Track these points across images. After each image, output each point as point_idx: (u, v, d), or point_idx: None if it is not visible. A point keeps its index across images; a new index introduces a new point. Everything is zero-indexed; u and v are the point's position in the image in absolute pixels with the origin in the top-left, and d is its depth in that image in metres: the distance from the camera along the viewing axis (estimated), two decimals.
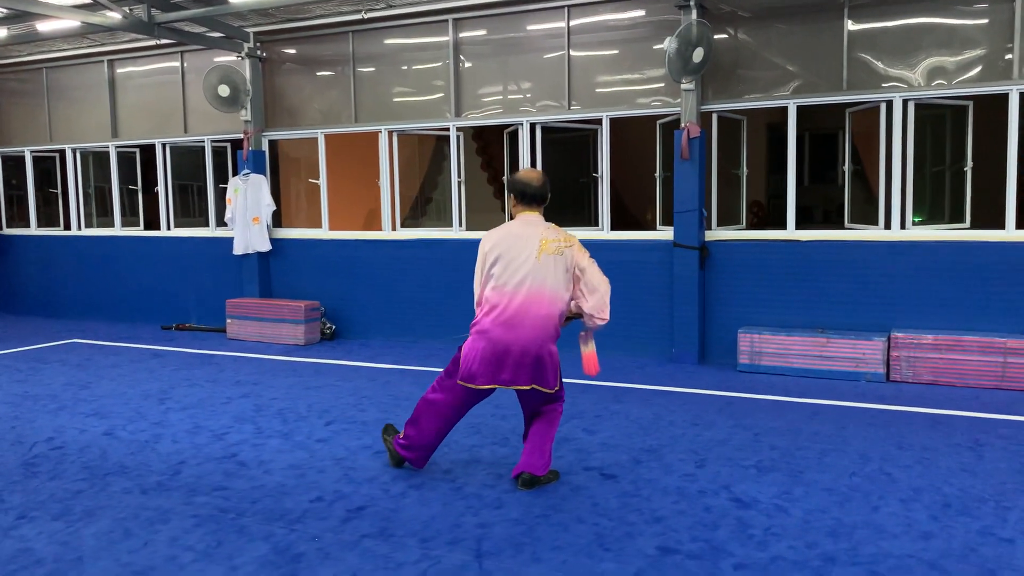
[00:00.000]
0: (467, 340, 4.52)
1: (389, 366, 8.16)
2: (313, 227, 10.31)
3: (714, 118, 8.07)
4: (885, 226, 7.51)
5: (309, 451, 5.35)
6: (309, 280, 10.16)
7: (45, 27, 9.49)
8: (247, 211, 10.06)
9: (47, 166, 12.27)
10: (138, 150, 11.45)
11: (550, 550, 3.78)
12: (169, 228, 11.12)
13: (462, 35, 9.09)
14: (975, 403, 6.40)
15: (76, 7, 8.78)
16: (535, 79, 8.79)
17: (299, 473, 4.91)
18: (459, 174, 9.29)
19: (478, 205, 10.74)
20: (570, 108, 8.62)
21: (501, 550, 3.78)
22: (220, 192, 10.77)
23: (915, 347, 7.06)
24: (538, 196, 4.53)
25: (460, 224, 9.33)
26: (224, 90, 9.64)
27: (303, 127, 10.10)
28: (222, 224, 10.65)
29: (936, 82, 7.23)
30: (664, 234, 8.26)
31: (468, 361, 4.44)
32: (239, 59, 10.03)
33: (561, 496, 4.47)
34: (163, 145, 10.99)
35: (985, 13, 7.04)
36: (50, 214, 12.38)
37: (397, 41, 9.46)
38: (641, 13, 8.27)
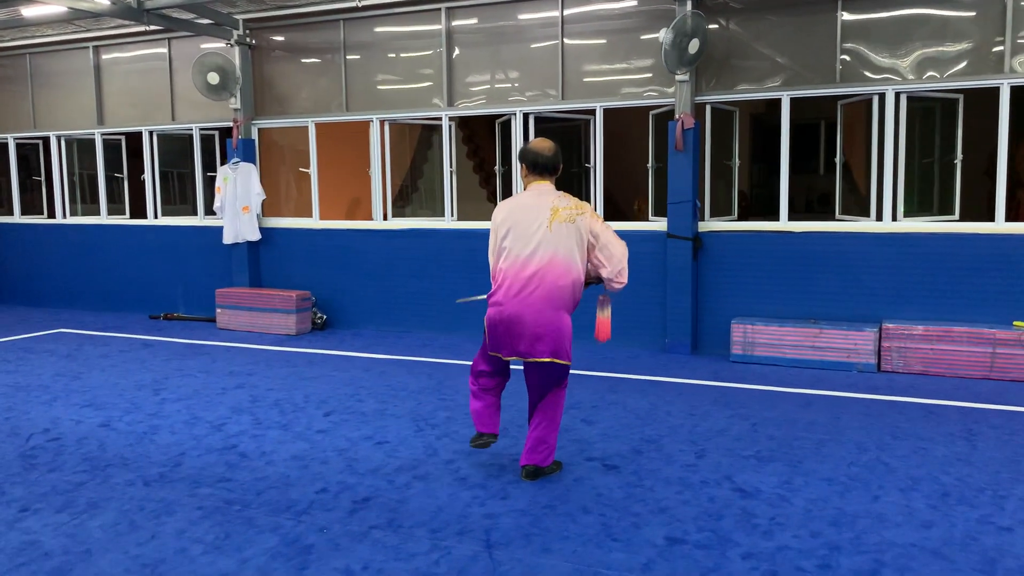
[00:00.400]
0: (487, 312, 4.51)
1: (383, 356, 8.15)
2: (300, 216, 10.26)
3: (708, 109, 8.10)
4: (876, 218, 7.58)
5: (310, 442, 5.35)
6: (299, 270, 10.12)
7: (30, 12, 9.35)
8: (237, 200, 9.99)
9: (25, 152, 12.10)
10: (123, 137, 11.33)
11: (559, 540, 3.81)
12: (156, 216, 11.02)
13: (455, 23, 9.05)
14: (965, 393, 6.49)
15: None
16: (528, 69, 8.78)
17: (302, 464, 4.91)
18: (451, 163, 9.27)
19: (464, 194, 10.73)
20: (563, 98, 8.61)
21: (510, 541, 3.81)
22: (207, 180, 10.69)
23: (906, 338, 7.15)
24: (549, 166, 4.51)
25: (452, 214, 9.32)
26: (214, 78, 9.55)
27: (293, 115, 10.03)
28: (211, 213, 10.57)
29: (928, 75, 7.29)
30: (657, 225, 8.29)
31: (490, 333, 4.48)
32: (228, 46, 9.94)
33: (565, 487, 4.50)
34: (150, 133, 10.88)
35: (977, 6, 7.10)
36: (33, 202, 12.24)
37: (389, 29, 9.41)
38: (635, 3, 8.27)
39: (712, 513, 4.12)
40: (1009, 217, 7.24)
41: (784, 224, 7.90)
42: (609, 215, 9.02)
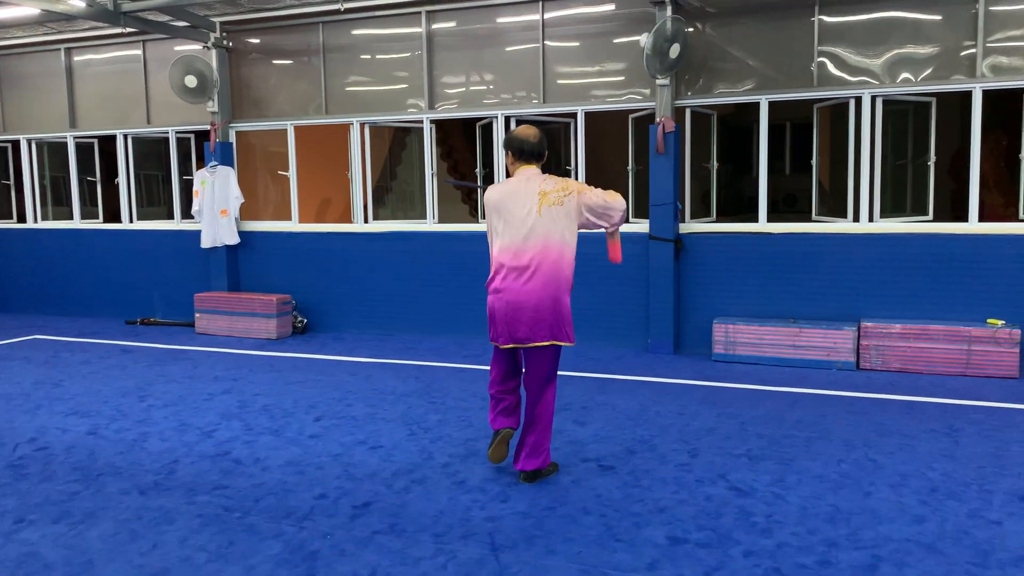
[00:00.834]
0: (487, 299, 4.59)
1: (368, 359, 8.14)
2: (279, 219, 10.21)
3: (687, 113, 8.20)
4: (854, 219, 7.72)
5: (303, 447, 5.34)
6: (279, 273, 10.06)
7: (2, 14, 9.19)
8: (215, 204, 9.91)
9: None
10: (96, 140, 11.18)
11: (562, 542, 3.86)
12: (132, 221, 10.89)
13: (435, 27, 9.07)
14: (943, 390, 6.65)
15: None
16: (509, 72, 8.82)
17: (298, 470, 4.91)
18: (432, 166, 9.28)
19: (439, 197, 10.76)
20: (544, 102, 8.67)
21: (515, 543, 3.85)
22: (184, 184, 10.59)
23: (884, 336, 7.30)
24: (535, 152, 4.58)
25: (434, 216, 9.32)
26: (191, 81, 9.46)
27: (271, 118, 9.98)
28: (188, 216, 10.48)
29: (902, 78, 7.45)
30: (638, 227, 8.37)
31: (489, 321, 4.57)
32: (205, 49, 9.85)
33: (564, 488, 4.55)
34: (124, 136, 10.75)
35: (949, 11, 7.27)
36: (1, 206, 12.02)
37: (368, 32, 9.39)
38: (612, 7, 8.35)
39: (710, 512, 4.19)
40: (982, 218, 7.41)
41: (763, 226, 8.02)
42: None
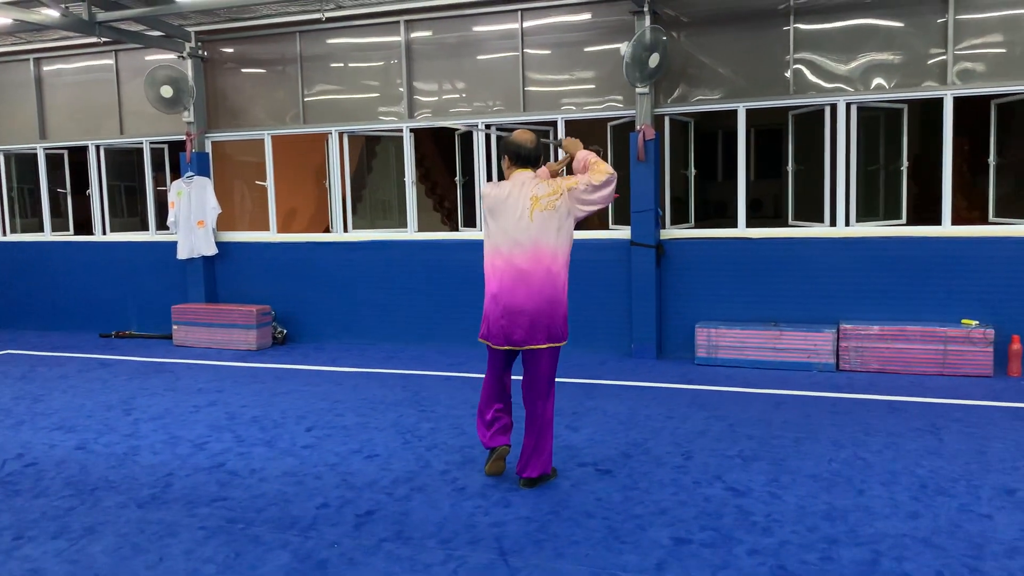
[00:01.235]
0: (484, 302, 4.64)
1: (352, 369, 8.12)
2: (254, 230, 10.15)
3: (666, 121, 8.32)
4: (831, 223, 7.89)
5: (299, 458, 5.33)
6: (257, 284, 9.99)
7: None
8: (191, 215, 9.83)
9: None
10: (66, 152, 11.03)
11: (569, 545, 3.90)
12: (104, 232, 10.75)
13: (413, 35, 9.10)
14: (922, 389, 6.81)
15: (8, 3, 8.42)
16: (489, 81, 8.88)
17: (296, 480, 4.89)
18: (412, 174, 9.30)
19: (422, 204, 10.80)
20: (525, 110, 8.74)
21: (522, 547, 3.89)
22: (158, 195, 10.49)
23: (863, 338, 7.46)
24: (532, 157, 4.63)
25: (414, 226, 9.34)
26: (167, 91, 9.39)
27: (248, 128, 9.93)
28: (162, 228, 10.38)
29: (875, 85, 7.63)
30: (619, 233, 8.47)
31: (484, 321, 4.62)
32: (180, 58, 9.78)
33: (564, 493, 4.60)
34: (97, 147, 10.62)
35: (920, 21, 7.47)
36: None
37: (346, 41, 9.40)
38: (592, 17, 8.45)
39: (710, 512, 4.26)
40: (955, 221, 7.61)
41: (742, 231, 8.16)
42: None
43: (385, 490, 4.70)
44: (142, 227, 11.16)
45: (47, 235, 11.07)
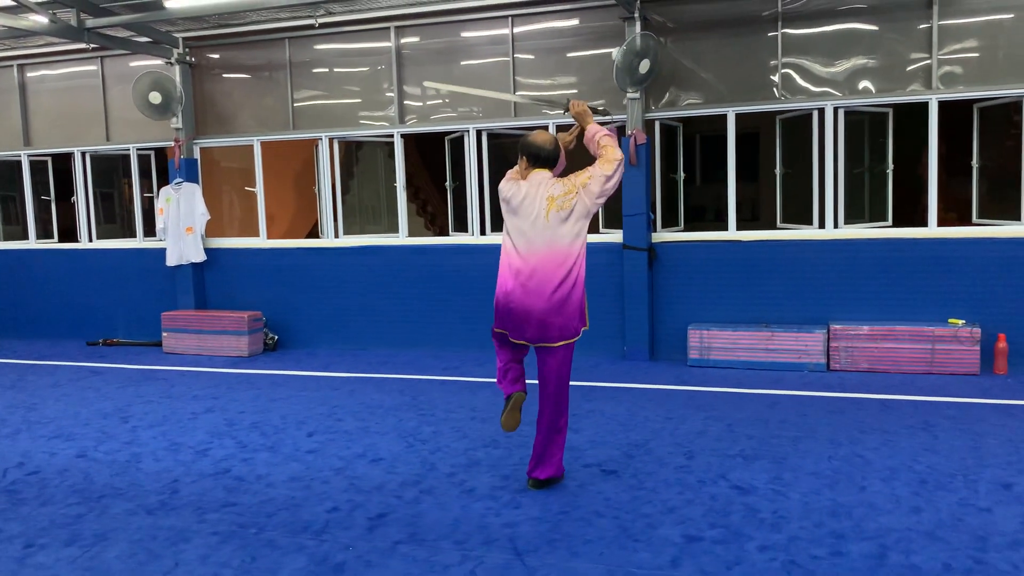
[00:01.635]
0: (496, 290, 4.64)
1: (347, 374, 8.13)
2: (242, 236, 10.13)
3: (656, 125, 8.42)
4: (819, 225, 8.02)
5: (303, 463, 5.34)
6: (246, 290, 9.97)
7: None
8: (180, 221, 9.79)
9: None
10: (50, 159, 10.95)
11: (583, 544, 3.96)
12: (91, 240, 10.67)
13: (404, 41, 9.14)
14: (912, 387, 6.94)
15: None
16: (479, 85, 8.90)
17: (303, 485, 4.91)
18: (403, 180, 9.33)
19: (393, 210, 10.84)
20: (516, 115, 8.80)
21: (537, 547, 3.94)
22: (145, 201, 10.43)
23: (852, 338, 7.59)
24: (551, 159, 4.66)
25: (405, 231, 9.37)
26: (156, 97, 9.36)
27: (237, 134, 9.91)
28: (149, 235, 10.33)
29: (862, 88, 7.78)
30: (610, 236, 8.55)
31: (497, 315, 4.62)
32: (168, 64, 9.74)
33: (572, 493, 4.65)
34: (82, 154, 10.55)
35: (905, 26, 7.62)
36: None
37: (336, 47, 9.42)
38: (583, 22, 8.53)
39: (717, 510, 4.34)
40: (915, 221, 7.77)
41: (733, 234, 8.27)
42: None
43: (394, 493, 4.73)
44: (121, 234, 11.08)
45: (32, 243, 10.97)
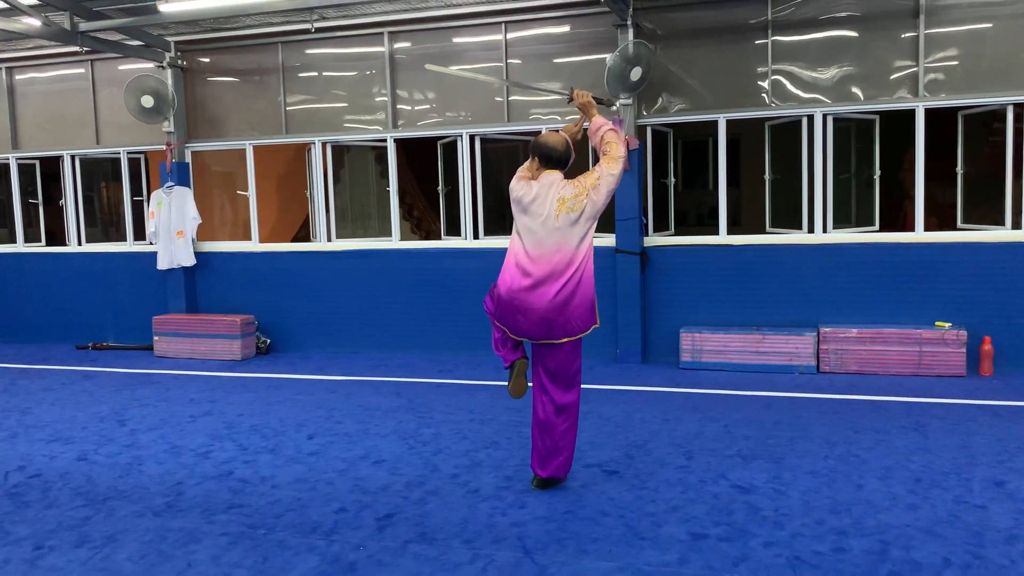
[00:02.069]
0: (498, 285, 4.65)
1: (342, 377, 8.16)
2: (233, 239, 10.13)
3: (648, 131, 8.53)
4: (808, 230, 8.15)
5: (306, 465, 5.37)
6: (238, 294, 9.96)
7: None
8: (171, 225, 9.78)
9: None
10: (38, 162, 10.90)
11: (591, 542, 4.03)
12: (80, 243, 10.63)
13: (397, 46, 9.19)
14: (900, 389, 7.08)
15: None
16: (473, 91, 8.99)
17: (309, 487, 4.95)
18: (395, 185, 9.38)
19: (384, 213, 10.85)
20: (509, 120, 8.88)
21: (545, 546, 4.00)
22: (135, 205, 10.41)
23: (842, 340, 7.72)
24: (562, 160, 4.71)
25: (398, 235, 9.42)
26: (148, 101, 9.35)
27: (229, 138, 9.91)
28: (139, 238, 10.31)
29: (850, 95, 7.92)
30: (604, 240, 8.61)
31: (499, 309, 4.63)
32: (159, 68, 9.74)
33: (576, 493, 4.72)
34: (71, 157, 10.50)
35: (892, 35, 7.77)
36: None
37: (329, 51, 9.45)
38: (576, 28, 8.63)
39: (720, 509, 4.42)
40: (895, 225, 7.92)
41: (724, 238, 8.38)
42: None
43: (400, 494, 4.78)
44: (102, 237, 11.01)
45: (19, 246, 10.90)
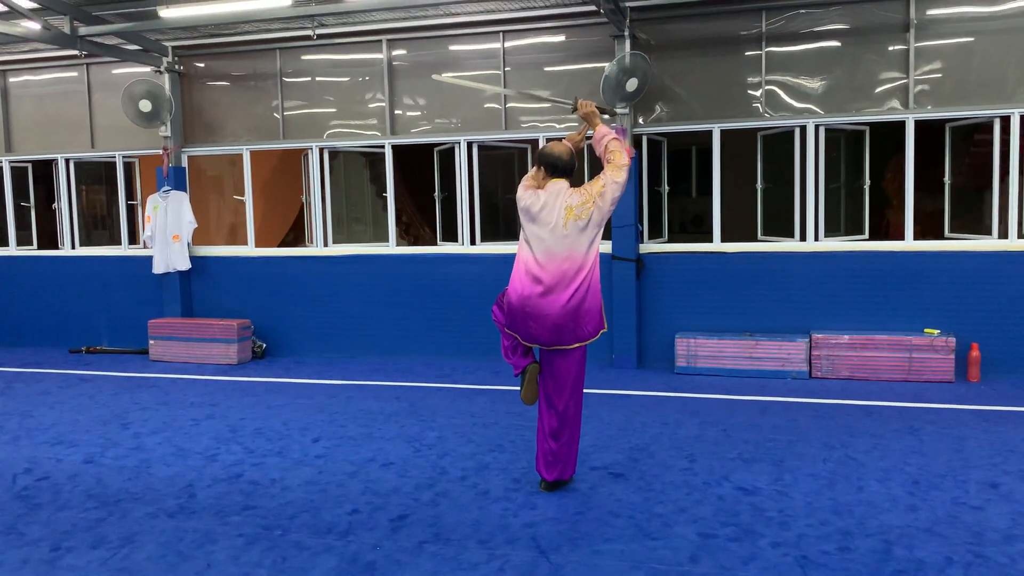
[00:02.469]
0: (509, 292, 4.74)
1: (341, 382, 8.21)
2: (229, 244, 10.16)
3: (644, 140, 8.66)
4: (800, 238, 8.31)
5: (315, 467, 5.43)
6: (233, 298, 9.99)
7: None
8: (167, 229, 9.80)
9: None
10: (30, 165, 10.88)
11: (603, 542, 4.12)
12: (74, 247, 10.61)
13: (395, 53, 9.27)
14: (892, 394, 7.23)
15: None
16: (470, 98, 9.09)
17: (319, 488, 5.01)
18: (392, 191, 9.45)
19: (379, 218, 10.92)
20: (506, 128, 8.98)
21: (559, 546, 4.09)
22: (129, 209, 10.41)
23: (833, 346, 7.87)
24: (568, 169, 4.83)
25: (395, 240, 9.49)
26: (146, 105, 9.38)
27: (226, 143, 9.95)
28: (134, 242, 10.32)
29: (841, 106, 8.10)
30: (601, 248, 8.71)
31: (509, 316, 4.74)
32: (156, 72, 9.76)
33: (584, 495, 4.82)
34: (66, 160, 10.50)
35: (884, 48, 7.96)
36: None
37: (327, 57, 9.52)
38: (573, 38, 8.75)
39: (726, 510, 4.53)
40: (878, 233, 8.10)
41: (717, 245, 8.52)
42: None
43: (410, 496, 4.85)
44: (85, 241, 10.96)
45: (12, 250, 10.87)
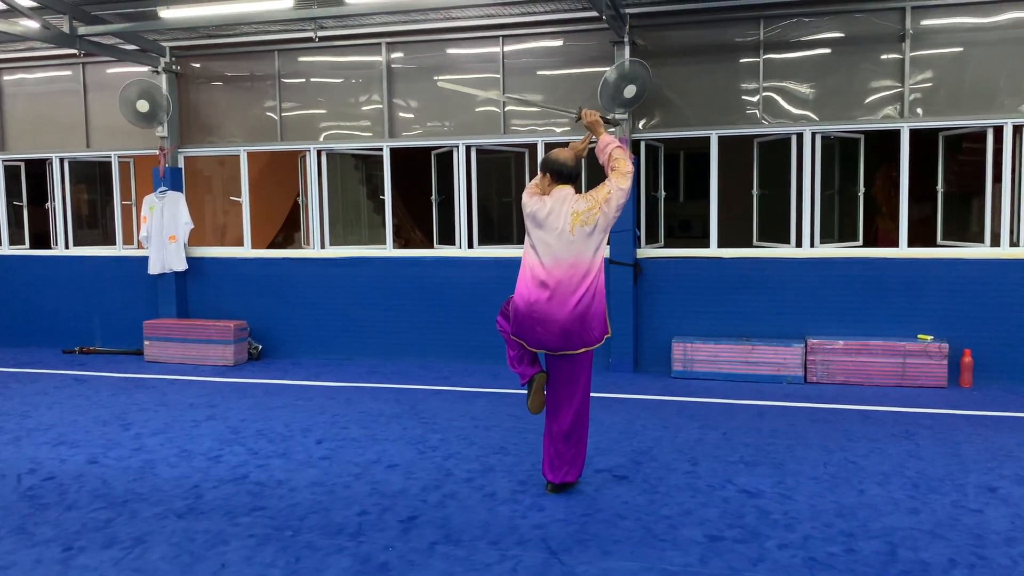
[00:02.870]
0: (515, 299, 4.79)
1: (339, 384, 8.23)
2: (225, 245, 10.15)
3: (642, 146, 8.74)
4: (796, 244, 8.40)
5: (320, 469, 5.46)
6: (229, 299, 9.98)
7: None
8: (163, 230, 9.78)
9: None
10: (23, 164, 10.82)
11: (613, 544, 4.18)
12: (67, 247, 10.57)
13: (394, 56, 9.31)
14: (886, 399, 7.33)
15: None
16: (469, 103, 9.13)
17: (327, 490, 5.03)
18: (389, 193, 9.48)
19: (371, 220, 10.99)
20: (505, 132, 9.03)
21: (569, 547, 4.14)
22: (124, 209, 10.38)
23: (828, 352, 7.97)
24: (573, 175, 4.89)
25: (392, 242, 9.52)
26: (143, 105, 9.36)
27: (224, 144, 9.95)
28: (129, 242, 10.29)
29: (837, 115, 8.20)
30: None
31: (516, 322, 4.78)
32: (154, 73, 9.75)
33: (590, 497, 4.87)
34: (61, 160, 10.46)
35: (879, 57, 8.08)
36: None
37: (326, 60, 9.54)
38: (572, 43, 8.82)
39: (732, 512, 4.60)
40: (868, 240, 8.22)
41: (714, 251, 8.61)
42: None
43: (418, 497, 4.89)
44: (76, 240, 10.93)
45: (4, 249, 10.81)
